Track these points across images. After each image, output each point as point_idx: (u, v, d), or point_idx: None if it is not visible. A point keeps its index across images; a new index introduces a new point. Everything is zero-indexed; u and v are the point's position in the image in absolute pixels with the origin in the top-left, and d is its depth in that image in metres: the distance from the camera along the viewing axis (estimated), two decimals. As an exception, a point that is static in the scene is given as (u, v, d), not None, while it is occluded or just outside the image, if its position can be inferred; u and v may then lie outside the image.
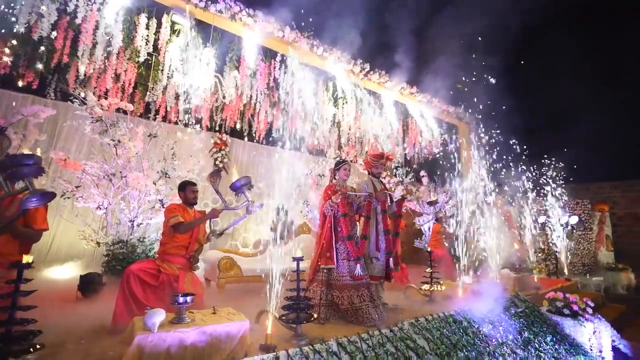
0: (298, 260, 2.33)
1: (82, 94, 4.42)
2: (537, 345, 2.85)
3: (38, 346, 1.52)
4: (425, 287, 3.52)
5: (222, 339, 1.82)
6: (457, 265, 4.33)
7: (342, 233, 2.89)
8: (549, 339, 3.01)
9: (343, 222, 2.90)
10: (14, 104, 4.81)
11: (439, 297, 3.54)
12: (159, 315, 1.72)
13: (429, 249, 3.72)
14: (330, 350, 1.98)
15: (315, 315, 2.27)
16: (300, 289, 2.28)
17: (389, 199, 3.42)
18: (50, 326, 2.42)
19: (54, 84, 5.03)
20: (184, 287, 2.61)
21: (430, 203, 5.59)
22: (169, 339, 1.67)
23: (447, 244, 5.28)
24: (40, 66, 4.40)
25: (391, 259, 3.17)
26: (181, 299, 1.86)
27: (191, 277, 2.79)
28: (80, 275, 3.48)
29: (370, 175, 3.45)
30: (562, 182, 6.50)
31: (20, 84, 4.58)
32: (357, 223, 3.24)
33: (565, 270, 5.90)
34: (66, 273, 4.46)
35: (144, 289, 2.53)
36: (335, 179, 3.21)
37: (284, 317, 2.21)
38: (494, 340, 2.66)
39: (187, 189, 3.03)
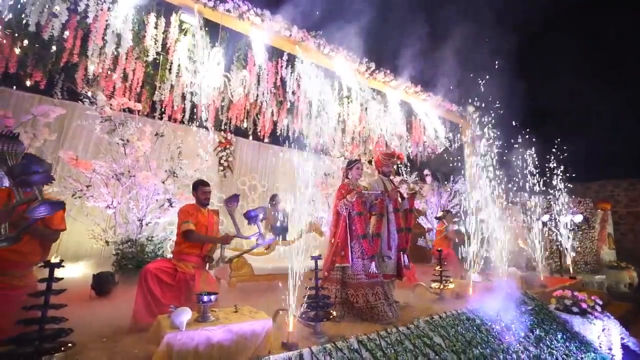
0: (316, 259, 2.36)
1: (90, 94, 4.42)
2: (548, 343, 2.88)
3: (69, 344, 1.53)
4: (435, 285, 3.55)
5: (248, 337, 1.84)
6: (462, 264, 4.37)
7: (357, 232, 2.92)
8: (559, 336, 3.05)
9: (358, 220, 2.92)
10: (16, 102, 4.81)
11: (449, 295, 3.57)
12: (186, 314, 1.74)
13: (439, 249, 3.75)
14: (352, 347, 2.01)
15: (335, 314, 2.30)
16: (318, 287, 2.30)
17: (399, 197, 3.45)
18: (70, 325, 2.44)
19: (61, 83, 5.02)
20: (200, 286, 2.63)
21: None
22: (196, 338, 1.69)
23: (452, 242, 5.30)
24: (48, 65, 4.39)
25: (405, 256, 3.20)
26: (206, 298, 1.87)
27: (206, 276, 2.81)
28: (94, 275, 3.49)
29: (380, 175, 3.48)
30: (565, 180, 6.55)
31: (28, 83, 4.57)
32: (369, 222, 3.27)
33: (570, 269, 5.95)
34: (76, 272, 4.47)
35: (162, 287, 2.54)
36: (348, 178, 3.23)
37: (303, 316, 2.24)
38: (507, 338, 2.70)
39: (199, 189, 3.04)
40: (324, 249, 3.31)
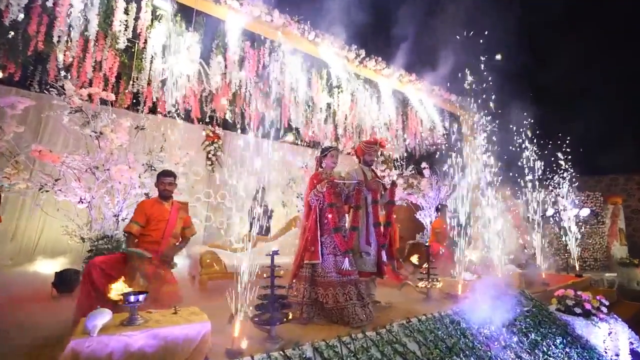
0: (273, 254, 2.10)
1: (64, 85, 4.23)
2: (545, 349, 2.57)
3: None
4: (422, 284, 3.26)
5: (179, 342, 1.59)
6: (456, 261, 4.04)
7: (329, 225, 2.65)
8: (558, 341, 2.72)
9: (330, 213, 2.65)
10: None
11: (437, 294, 3.27)
12: (102, 317, 1.50)
13: (426, 244, 3.44)
14: (304, 355, 1.74)
15: (291, 316, 2.04)
16: (274, 286, 2.04)
17: (381, 188, 3.16)
18: (19, 325, 2.28)
19: (38, 75, 4.86)
20: (153, 284, 2.40)
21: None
22: (112, 344, 1.45)
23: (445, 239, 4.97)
24: (19, 56, 4.22)
25: (384, 252, 2.91)
26: (132, 298, 1.64)
27: (163, 274, 2.58)
28: (56, 272, 3.32)
29: (362, 164, 3.20)
30: (572, 173, 6.14)
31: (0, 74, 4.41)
32: (347, 215, 2.99)
33: (576, 266, 5.56)
34: (50, 269, 4.31)
35: (109, 282, 2.31)
36: (321, 167, 2.96)
37: (256, 319, 1.99)
38: (496, 343, 2.40)
39: (159, 180, 2.83)
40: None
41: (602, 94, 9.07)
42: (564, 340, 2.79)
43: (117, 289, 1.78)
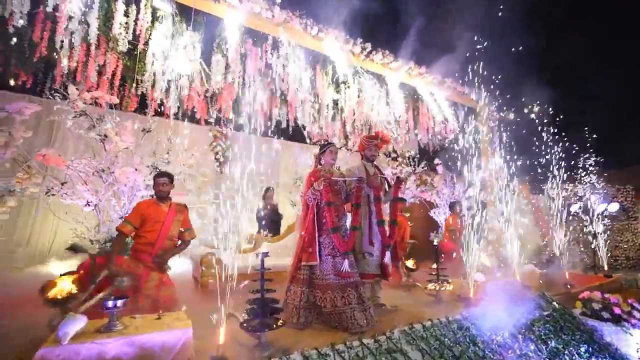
0: (263, 256, 1.99)
1: (72, 89, 4.30)
2: (567, 358, 2.32)
3: None
4: (431, 286, 3.06)
5: (155, 350, 1.51)
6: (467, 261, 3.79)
7: (327, 225, 2.51)
8: (583, 349, 2.46)
9: (327, 212, 2.52)
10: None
11: (448, 297, 3.06)
12: (75, 323, 1.44)
13: (435, 243, 3.24)
14: (292, 365, 1.62)
15: (282, 322, 1.91)
16: (264, 289, 1.93)
17: (385, 184, 2.99)
18: (19, 325, 2.30)
19: (49, 82, 4.99)
20: (147, 287, 2.35)
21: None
22: (84, 352, 1.38)
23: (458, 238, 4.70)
24: (28, 63, 4.33)
25: (388, 253, 2.74)
26: (110, 304, 1.56)
27: (158, 277, 2.53)
28: (60, 274, 3.35)
29: (364, 160, 3.04)
30: (600, 165, 5.70)
31: (12, 82, 4.55)
32: (349, 214, 2.84)
33: (605, 265, 5.14)
34: (60, 272, 4.41)
35: (101, 285, 2.28)
36: (320, 164, 2.82)
37: (245, 324, 1.88)
38: (510, 352, 2.18)
39: (154, 181, 2.79)
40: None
41: (631, 80, 8.43)
42: (590, 349, 2.52)
43: (60, 286, 1.76)
